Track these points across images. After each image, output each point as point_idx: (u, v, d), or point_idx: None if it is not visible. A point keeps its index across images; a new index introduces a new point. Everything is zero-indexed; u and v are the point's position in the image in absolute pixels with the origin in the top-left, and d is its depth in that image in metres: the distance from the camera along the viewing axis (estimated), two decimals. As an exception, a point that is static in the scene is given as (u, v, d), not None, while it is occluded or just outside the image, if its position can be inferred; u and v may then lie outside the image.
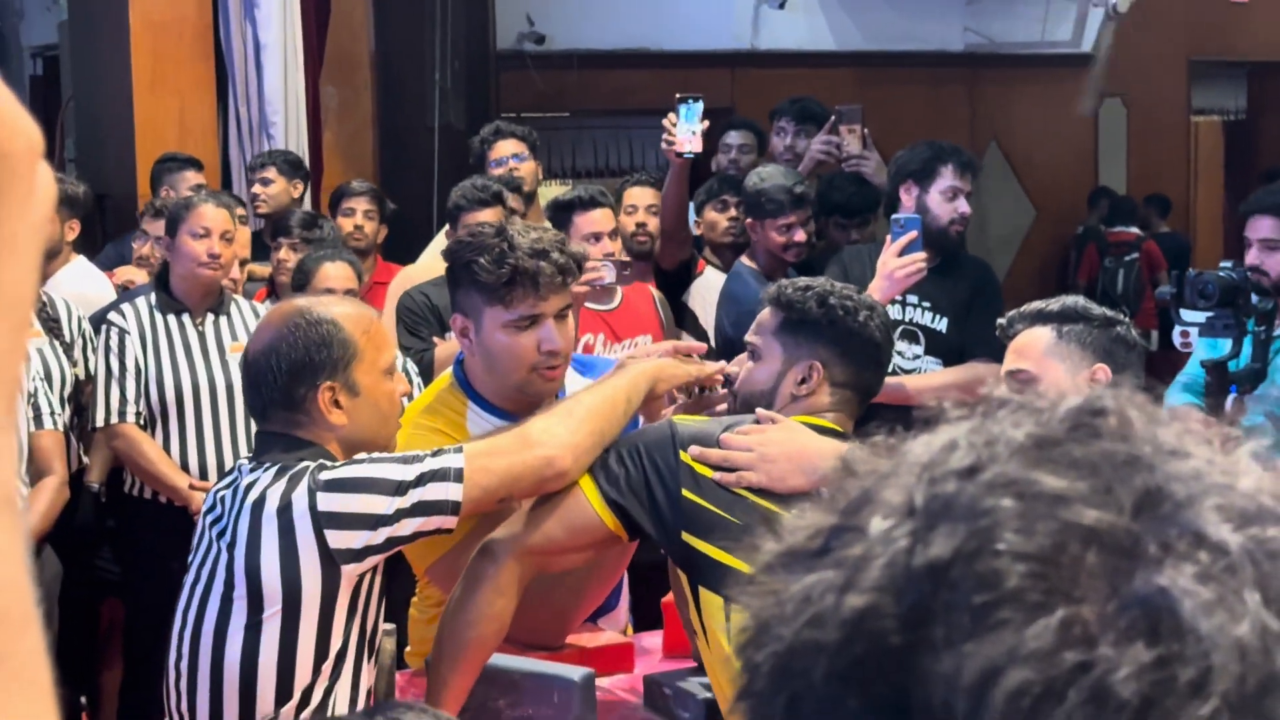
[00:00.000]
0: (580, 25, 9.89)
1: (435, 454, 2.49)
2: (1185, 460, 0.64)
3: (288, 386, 2.52)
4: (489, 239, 2.84)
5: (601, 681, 2.92)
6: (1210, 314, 3.96)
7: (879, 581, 0.62)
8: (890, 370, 4.15)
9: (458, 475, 2.45)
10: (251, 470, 2.52)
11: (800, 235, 4.87)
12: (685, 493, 2.54)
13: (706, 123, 4.93)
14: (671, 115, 4.89)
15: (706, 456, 2.57)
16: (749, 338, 2.93)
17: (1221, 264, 4.27)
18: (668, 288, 5.36)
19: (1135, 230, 10.54)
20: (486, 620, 2.60)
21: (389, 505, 2.42)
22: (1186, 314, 4.09)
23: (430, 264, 4.87)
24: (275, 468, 2.49)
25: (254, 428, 2.80)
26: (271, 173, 6.16)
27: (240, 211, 5.35)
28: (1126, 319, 3.00)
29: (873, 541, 0.64)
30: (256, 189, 6.14)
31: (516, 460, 2.51)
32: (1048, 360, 2.90)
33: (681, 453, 2.57)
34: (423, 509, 2.44)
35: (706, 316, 5.31)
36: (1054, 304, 2.99)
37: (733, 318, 4.61)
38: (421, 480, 2.44)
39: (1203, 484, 0.63)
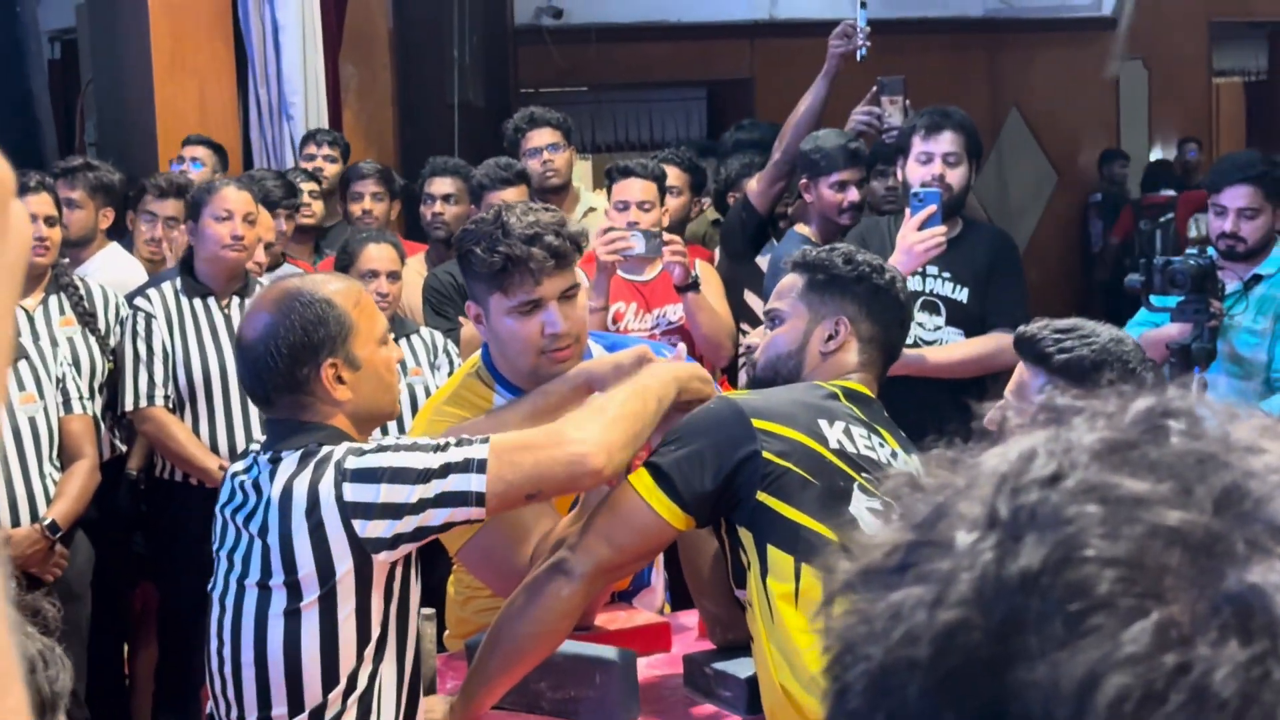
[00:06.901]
0: (598, -1, 9.87)
1: (459, 443, 2.47)
2: (1260, 456, 0.64)
3: (290, 369, 2.52)
4: (485, 225, 2.82)
5: (640, 661, 2.92)
6: (1181, 299, 4.12)
7: (968, 595, 0.62)
8: (912, 341, 4.13)
9: (480, 466, 2.42)
10: (270, 459, 2.52)
11: (855, 194, 4.76)
12: (767, 454, 2.52)
13: (869, 28, 4.92)
14: (853, 19, 4.92)
15: None
16: (771, 304, 2.91)
17: (1187, 250, 4.43)
18: (748, 241, 5.07)
19: (1169, 192, 10.48)
20: (550, 635, 2.61)
21: (411, 494, 2.41)
22: (1157, 299, 4.19)
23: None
24: (298, 453, 2.49)
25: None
26: (336, 151, 6.48)
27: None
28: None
29: (959, 555, 0.64)
30: (321, 163, 6.36)
31: (544, 456, 2.46)
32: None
33: (754, 420, 2.55)
34: (447, 499, 2.42)
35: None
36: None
37: None
38: (446, 470, 2.42)
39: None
